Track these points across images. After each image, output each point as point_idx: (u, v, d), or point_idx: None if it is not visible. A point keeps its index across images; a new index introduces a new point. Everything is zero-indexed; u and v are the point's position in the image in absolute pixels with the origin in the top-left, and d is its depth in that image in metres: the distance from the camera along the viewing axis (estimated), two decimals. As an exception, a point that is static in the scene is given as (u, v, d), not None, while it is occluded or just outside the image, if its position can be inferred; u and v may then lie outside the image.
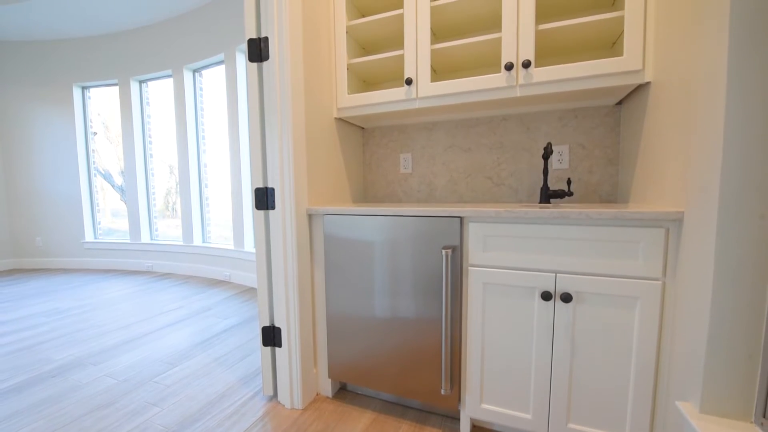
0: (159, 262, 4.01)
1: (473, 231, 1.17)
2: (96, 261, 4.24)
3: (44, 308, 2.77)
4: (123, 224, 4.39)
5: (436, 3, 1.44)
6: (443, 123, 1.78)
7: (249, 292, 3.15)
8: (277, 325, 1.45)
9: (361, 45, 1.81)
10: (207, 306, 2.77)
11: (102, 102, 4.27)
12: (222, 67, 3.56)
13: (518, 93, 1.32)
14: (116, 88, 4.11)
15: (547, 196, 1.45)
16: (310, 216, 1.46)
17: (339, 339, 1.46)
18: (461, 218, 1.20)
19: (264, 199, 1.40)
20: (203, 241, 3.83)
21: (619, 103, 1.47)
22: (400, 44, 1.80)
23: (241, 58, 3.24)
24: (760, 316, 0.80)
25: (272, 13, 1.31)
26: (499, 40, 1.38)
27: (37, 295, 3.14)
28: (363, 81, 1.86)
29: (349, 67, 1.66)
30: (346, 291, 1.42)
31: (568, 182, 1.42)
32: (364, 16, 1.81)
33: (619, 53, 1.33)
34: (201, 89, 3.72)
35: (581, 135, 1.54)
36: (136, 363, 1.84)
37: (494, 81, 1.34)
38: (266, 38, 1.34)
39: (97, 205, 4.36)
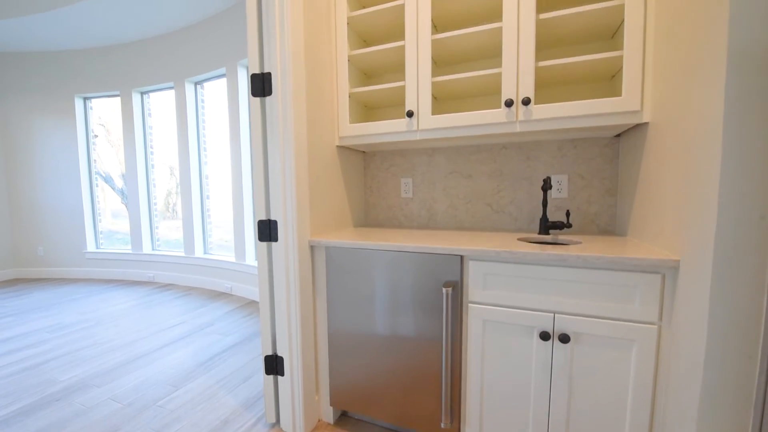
0: (161, 272, 4.03)
1: (473, 269, 1.19)
2: (98, 271, 4.26)
3: (47, 323, 2.79)
4: (123, 225, 4.42)
5: (436, 36, 1.45)
6: (443, 149, 1.80)
7: (250, 305, 3.17)
8: (279, 354, 1.47)
9: (363, 71, 1.83)
10: (209, 321, 2.79)
11: (103, 106, 4.27)
12: (223, 80, 3.58)
13: (518, 128, 1.34)
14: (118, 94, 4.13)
15: (547, 227, 1.47)
16: (312, 247, 1.48)
17: (340, 367, 1.48)
18: (462, 256, 1.21)
19: (267, 231, 1.42)
20: (204, 253, 3.85)
21: (618, 135, 1.49)
22: (401, 70, 1.82)
23: (243, 72, 3.25)
24: (753, 369, 0.82)
25: (275, 50, 1.33)
26: (499, 73, 1.40)
27: (40, 309, 3.16)
28: (364, 106, 1.88)
29: (351, 96, 1.68)
30: (348, 320, 1.45)
31: (567, 214, 1.44)
32: (365, 41, 1.83)
33: (618, 85, 1.35)
34: (202, 101, 3.74)
35: (580, 165, 1.56)
36: (140, 384, 1.87)
37: (494, 116, 1.36)
38: (269, 74, 1.35)
39: (99, 215, 4.37)
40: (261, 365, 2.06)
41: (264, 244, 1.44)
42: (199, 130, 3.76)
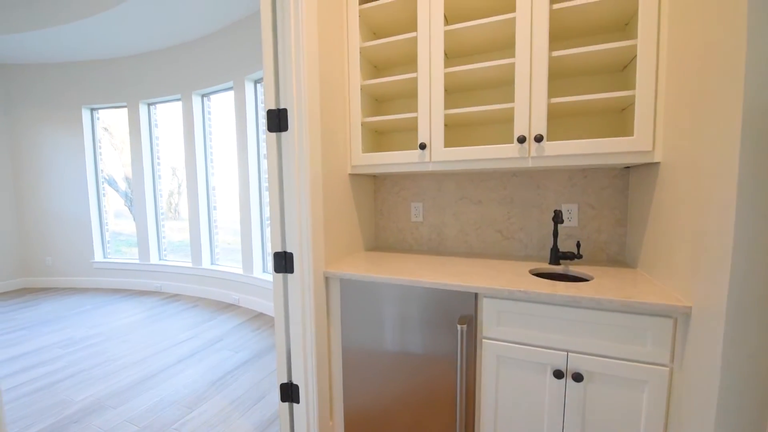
0: (168, 282, 4.06)
1: (487, 306, 1.22)
2: (105, 281, 4.30)
3: (58, 338, 2.82)
4: (126, 227, 4.49)
5: (450, 69, 1.48)
6: (454, 175, 1.82)
7: (259, 318, 3.20)
8: (295, 382, 1.49)
9: (374, 98, 1.85)
10: (218, 336, 2.82)
11: (107, 110, 4.28)
12: (231, 93, 3.60)
13: (530, 164, 1.36)
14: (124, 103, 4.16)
15: (557, 257, 1.50)
16: (327, 278, 1.51)
17: (354, 394, 1.51)
18: (476, 294, 1.24)
19: (282, 263, 1.45)
20: (212, 263, 3.88)
21: (628, 167, 1.51)
22: (413, 95, 1.84)
23: (250, 86, 3.27)
24: (765, 420, 0.85)
25: (290, 87, 1.35)
26: (511, 107, 1.42)
27: (50, 322, 3.19)
28: (375, 131, 1.90)
29: (363, 124, 1.70)
30: (361, 348, 1.47)
31: (578, 245, 1.46)
32: (376, 67, 1.85)
33: (629, 118, 1.37)
34: (209, 113, 3.76)
35: (590, 195, 1.58)
36: (155, 405, 1.90)
37: (507, 151, 1.38)
38: (285, 110, 1.38)
39: (106, 224, 4.41)
40: (273, 384, 2.09)
41: (280, 275, 1.47)
42: (206, 142, 3.78)
